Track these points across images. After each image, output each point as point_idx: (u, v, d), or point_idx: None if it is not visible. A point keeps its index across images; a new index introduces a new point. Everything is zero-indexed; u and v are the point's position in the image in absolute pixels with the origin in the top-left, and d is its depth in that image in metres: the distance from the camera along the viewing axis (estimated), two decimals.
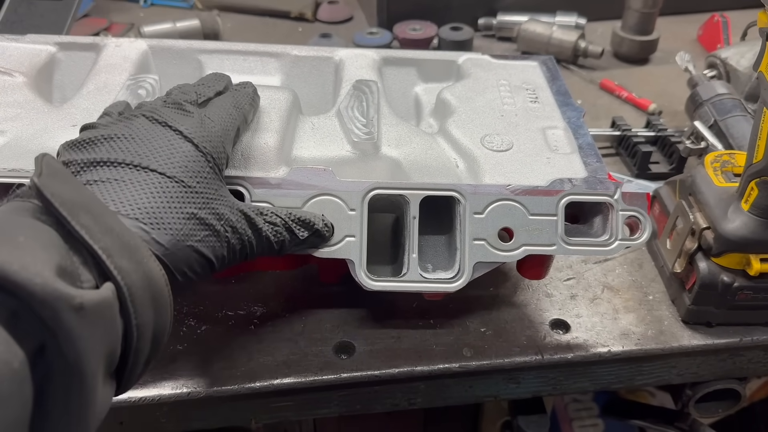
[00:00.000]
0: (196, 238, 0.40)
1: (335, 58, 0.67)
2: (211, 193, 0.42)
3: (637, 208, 0.49)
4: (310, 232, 0.47)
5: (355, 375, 0.52)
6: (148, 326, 0.35)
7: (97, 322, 0.30)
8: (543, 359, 0.54)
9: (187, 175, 0.41)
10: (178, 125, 0.43)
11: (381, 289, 0.49)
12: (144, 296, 0.34)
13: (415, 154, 0.55)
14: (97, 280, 0.33)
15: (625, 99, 0.91)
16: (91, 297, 0.30)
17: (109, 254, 0.33)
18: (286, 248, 0.47)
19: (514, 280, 0.61)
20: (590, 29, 1.05)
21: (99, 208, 0.35)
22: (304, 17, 1.14)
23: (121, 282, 0.33)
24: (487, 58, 0.69)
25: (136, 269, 0.34)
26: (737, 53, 0.84)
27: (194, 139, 0.43)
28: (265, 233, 0.45)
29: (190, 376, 0.51)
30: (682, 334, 0.56)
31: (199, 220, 0.41)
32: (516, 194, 0.49)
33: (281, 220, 0.46)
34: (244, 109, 0.49)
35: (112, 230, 0.34)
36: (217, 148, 0.44)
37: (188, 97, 0.47)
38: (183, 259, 0.40)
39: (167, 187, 0.40)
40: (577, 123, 0.58)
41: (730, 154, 0.59)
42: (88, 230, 0.32)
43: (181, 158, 0.42)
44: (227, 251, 0.43)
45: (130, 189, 0.39)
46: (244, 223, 0.44)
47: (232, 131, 0.47)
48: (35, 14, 0.96)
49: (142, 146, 0.41)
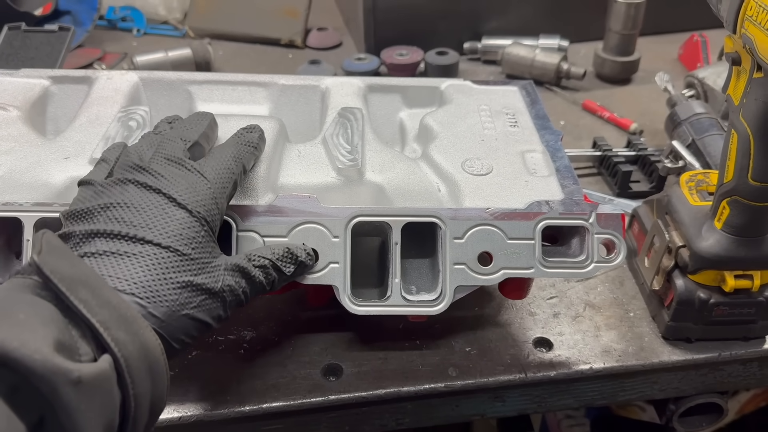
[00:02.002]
0: (191, 306, 0.42)
1: (321, 86, 0.69)
2: (206, 257, 0.43)
3: (612, 230, 0.51)
4: (296, 266, 0.48)
5: (343, 397, 0.53)
6: (146, 395, 0.36)
7: (95, 395, 0.32)
8: (527, 377, 0.55)
9: (182, 243, 0.42)
10: (171, 191, 0.43)
11: (365, 313, 0.50)
12: (141, 367, 0.35)
13: (398, 180, 0.56)
14: (95, 353, 0.34)
15: (607, 119, 0.93)
16: (89, 370, 0.31)
17: (106, 327, 0.34)
18: (276, 285, 0.48)
19: (498, 299, 0.62)
20: (573, 51, 1.08)
21: (96, 281, 0.36)
22: (294, 44, 1.16)
23: (118, 354, 0.34)
24: (468, 84, 0.71)
25: (132, 341, 0.35)
26: (714, 73, 0.86)
27: (188, 205, 0.43)
28: (258, 279, 0.46)
29: (181, 401, 0.52)
30: (663, 350, 0.57)
31: (195, 287, 0.42)
32: (495, 218, 0.51)
33: (268, 261, 0.47)
34: (244, 160, 0.50)
35: (109, 303, 0.35)
36: (211, 211, 0.45)
37: (176, 150, 0.47)
38: (180, 328, 0.41)
39: (162, 259, 0.41)
40: (554, 146, 0.60)
41: (704, 174, 0.61)
42: (86, 304, 0.34)
43: (176, 226, 0.42)
44: (224, 309, 0.44)
45: (126, 263, 0.40)
46: (238, 277, 0.45)
47: (229, 186, 0.47)
48: (30, 47, 0.99)
49: (137, 216, 0.42)
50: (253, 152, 0.51)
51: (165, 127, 0.51)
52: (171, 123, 0.52)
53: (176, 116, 0.53)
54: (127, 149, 0.48)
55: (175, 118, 0.53)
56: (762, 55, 0.44)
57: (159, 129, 0.51)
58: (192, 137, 0.49)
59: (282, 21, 1.16)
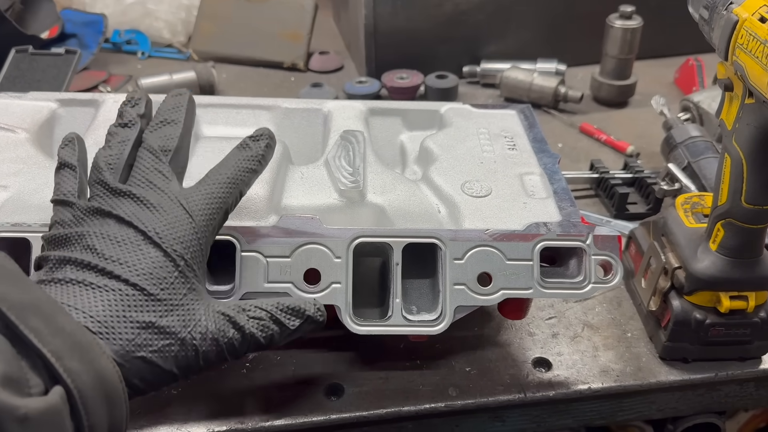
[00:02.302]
0: (150, 349, 0.39)
1: (324, 109, 0.71)
2: (177, 299, 0.41)
3: (609, 251, 0.52)
4: (302, 320, 0.46)
5: (344, 416, 0.54)
6: (102, 425, 0.34)
7: (44, 431, 0.30)
8: (526, 397, 0.56)
9: (150, 282, 0.40)
10: (148, 227, 0.42)
11: (366, 333, 0.51)
12: (96, 396, 0.34)
13: (399, 201, 0.58)
14: (47, 383, 0.32)
15: (604, 142, 0.94)
16: (36, 406, 0.30)
17: (58, 356, 0.32)
18: (277, 341, 0.45)
19: (497, 320, 0.63)
20: (570, 75, 1.09)
21: (50, 307, 0.35)
22: (296, 67, 1.18)
23: (70, 385, 0.32)
24: (467, 107, 0.72)
25: (87, 370, 0.34)
26: (709, 97, 0.88)
27: (163, 244, 0.42)
28: (249, 330, 0.43)
29: (185, 420, 0.53)
30: (660, 370, 0.58)
31: (157, 329, 0.40)
32: (494, 239, 0.52)
33: (267, 313, 0.44)
34: (242, 184, 0.47)
35: (62, 331, 0.34)
36: (190, 248, 0.43)
37: (159, 169, 0.45)
38: (134, 371, 0.39)
39: (126, 295, 0.40)
40: (552, 169, 0.61)
41: (699, 196, 0.62)
42: (36, 333, 0.32)
43: (147, 264, 0.41)
44: (195, 359, 0.41)
45: (89, 295, 0.39)
46: (223, 324, 0.43)
47: (218, 217, 0.45)
48: (37, 69, 1.00)
49: (111, 248, 0.41)
50: (256, 169, 0.48)
51: (136, 121, 0.47)
52: (143, 116, 0.48)
53: (146, 98, 0.49)
54: (98, 160, 0.46)
55: (145, 105, 0.49)
56: (753, 81, 0.45)
57: (126, 120, 0.48)
58: (173, 144, 0.47)
59: (285, 45, 1.18)
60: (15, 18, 1.08)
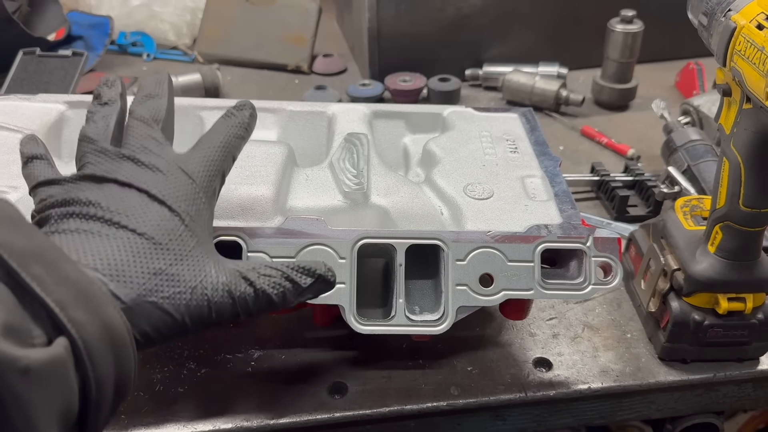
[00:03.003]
0: (161, 294, 0.38)
1: (328, 112, 0.72)
2: (186, 251, 0.41)
3: (609, 253, 0.53)
4: (314, 279, 0.45)
5: (347, 414, 0.55)
6: (108, 378, 0.33)
7: (47, 383, 0.29)
8: (527, 396, 0.57)
9: (159, 232, 0.40)
10: (149, 187, 0.41)
11: (370, 332, 0.52)
12: (102, 348, 0.32)
13: (402, 203, 0.58)
14: (51, 335, 0.31)
15: (605, 145, 0.95)
16: (38, 357, 0.28)
17: (62, 306, 0.31)
18: (289, 299, 0.44)
19: (499, 320, 0.64)
20: (571, 78, 1.10)
21: (54, 255, 0.33)
22: (300, 70, 1.19)
23: (75, 335, 0.31)
24: (470, 110, 0.73)
25: (92, 320, 0.32)
26: (709, 101, 0.89)
27: (167, 201, 0.41)
28: (260, 287, 0.43)
29: (191, 418, 0.54)
30: (659, 371, 0.59)
31: (168, 276, 0.39)
32: (496, 241, 0.52)
33: (278, 271, 0.44)
34: (233, 150, 0.47)
35: (67, 279, 0.32)
36: (195, 208, 0.43)
37: (154, 136, 0.45)
38: (145, 317, 0.37)
39: (136, 244, 0.39)
40: (553, 171, 0.62)
41: (698, 199, 0.63)
42: (39, 281, 0.31)
43: (153, 218, 0.40)
44: (207, 310, 0.40)
45: (96, 241, 0.38)
46: (235, 278, 0.42)
47: (216, 181, 0.46)
48: (44, 71, 1.02)
49: (115, 203, 0.40)
50: (243, 135, 0.49)
51: (116, 99, 0.47)
52: (121, 96, 0.48)
53: (120, 80, 0.50)
54: (86, 133, 0.45)
55: (121, 86, 0.49)
56: (750, 87, 0.46)
57: (106, 99, 0.47)
58: (161, 115, 0.47)
59: (289, 47, 1.19)
60: (22, 20, 1.09)
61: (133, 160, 0.43)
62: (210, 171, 0.45)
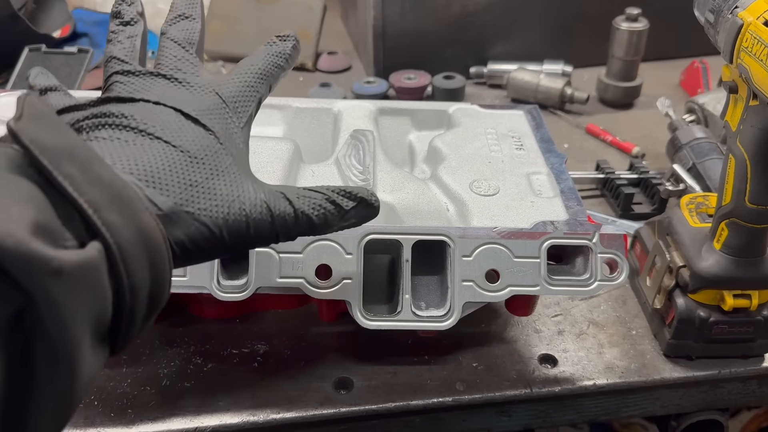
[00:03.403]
0: (199, 206, 0.36)
1: (334, 109, 0.72)
2: (223, 167, 0.39)
3: (614, 250, 0.53)
4: (356, 202, 0.43)
5: (353, 410, 0.55)
6: (143, 285, 0.31)
7: (80, 286, 0.27)
8: (532, 392, 0.57)
9: (195, 147, 0.38)
10: (183, 106, 0.39)
11: (377, 328, 0.52)
12: (137, 253, 0.31)
13: (408, 199, 0.59)
14: (84, 238, 0.29)
15: (609, 142, 0.95)
16: (71, 259, 0.26)
17: (96, 208, 0.29)
18: (331, 222, 0.42)
19: (504, 316, 0.64)
20: (576, 76, 1.10)
21: (88, 155, 0.31)
22: (304, 67, 1.19)
23: (109, 239, 0.29)
24: (475, 107, 0.73)
25: (127, 224, 0.30)
26: (714, 99, 0.89)
27: (201, 119, 0.40)
28: (300, 207, 0.40)
29: (197, 412, 0.54)
30: (664, 367, 0.59)
31: (206, 188, 0.37)
32: (502, 237, 0.53)
33: (320, 194, 0.42)
34: (271, 78, 0.46)
35: (101, 180, 0.30)
36: (229, 131, 0.41)
37: (189, 59, 0.43)
38: (181, 226, 0.35)
39: (171, 154, 0.37)
40: (559, 168, 0.63)
41: (704, 196, 0.63)
42: (72, 181, 0.29)
43: (189, 133, 0.38)
44: (246, 227, 0.38)
45: (131, 148, 0.36)
46: (274, 196, 0.40)
47: (252, 104, 0.44)
48: (49, 68, 1.02)
49: (151, 118, 0.38)
50: (284, 66, 0.47)
51: (138, 19, 0.45)
52: (141, 15, 0.46)
53: None
54: (113, 53, 0.42)
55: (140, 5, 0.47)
56: (757, 84, 0.46)
57: (128, 18, 0.45)
58: (195, 38, 0.45)
59: None
60: (28, 17, 1.09)
61: (166, 77, 0.41)
62: (246, 97, 0.43)
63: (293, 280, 0.51)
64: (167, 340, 0.60)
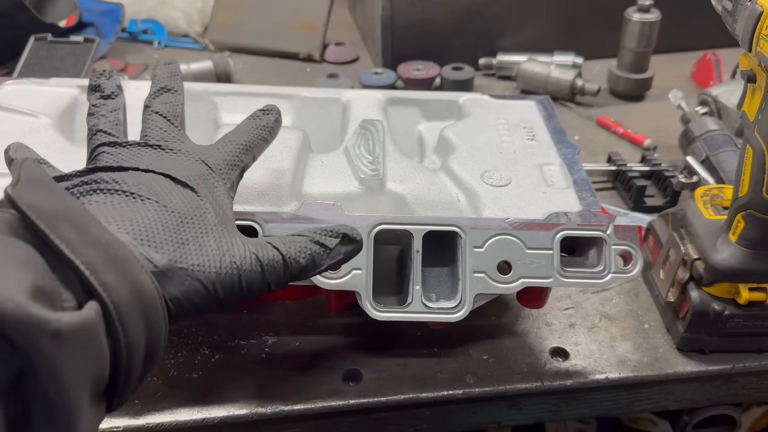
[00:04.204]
0: (191, 262, 0.37)
1: (343, 99, 0.71)
2: (211, 225, 0.40)
3: (629, 241, 0.52)
4: (339, 238, 0.44)
5: (362, 401, 0.54)
6: (140, 343, 0.32)
7: (79, 347, 0.28)
8: (543, 386, 0.56)
9: (185, 208, 0.40)
10: (172, 172, 0.41)
11: (386, 319, 0.51)
12: (133, 312, 0.32)
13: (418, 190, 0.58)
14: (81, 298, 0.30)
15: (621, 135, 0.94)
16: (69, 320, 0.27)
17: (93, 269, 0.30)
18: (319, 263, 0.43)
19: (515, 309, 0.63)
20: (587, 68, 1.09)
21: (84, 217, 0.32)
22: (312, 58, 1.18)
23: (106, 299, 0.30)
24: (486, 98, 0.72)
25: (123, 283, 0.31)
26: (727, 91, 0.87)
27: (189, 183, 0.42)
28: (286, 252, 0.42)
29: (205, 403, 0.53)
30: (677, 361, 0.58)
31: (197, 245, 0.38)
32: (514, 228, 0.52)
33: (303, 237, 0.43)
34: (255, 150, 0.48)
35: (97, 241, 0.31)
36: (216, 197, 0.43)
37: (173, 132, 0.45)
38: (176, 283, 0.36)
39: (163, 214, 0.38)
40: (572, 159, 0.62)
41: (719, 188, 0.62)
42: (69, 243, 0.30)
43: (178, 196, 0.40)
44: (238, 280, 0.40)
45: (125, 209, 0.37)
46: (262, 247, 0.41)
47: (235, 173, 0.46)
48: (56, 57, 1.01)
49: (138, 184, 0.40)
50: (266, 137, 0.49)
51: (118, 92, 0.47)
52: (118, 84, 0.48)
53: (116, 71, 0.50)
54: (98, 126, 0.44)
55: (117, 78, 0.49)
56: None
57: (109, 92, 0.47)
58: (179, 110, 0.47)
59: (300, 36, 1.18)
60: (34, 6, 1.08)
61: (153, 147, 0.43)
62: (230, 166, 0.45)
63: None
64: (175, 331, 0.60)
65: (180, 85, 0.49)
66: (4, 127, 0.63)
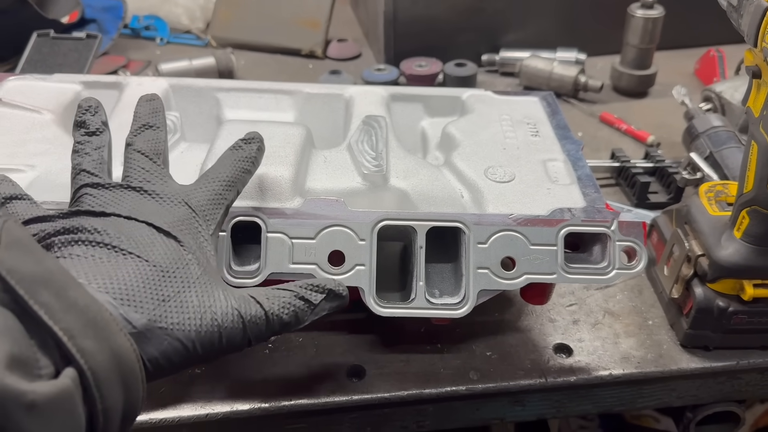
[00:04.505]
0: (171, 320, 0.37)
1: (346, 94, 0.71)
2: (193, 278, 0.40)
3: (633, 238, 0.52)
4: (324, 294, 0.45)
5: (365, 397, 0.54)
6: (116, 408, 0.32)
7: (54, 417, 0.28)
8: (547, 382, 0.56)
9: (166, 261, 0.39)
10: (153, 220, 0.41)
11: (390, 315, 0.51)
12: (111, 378, 0.32)
13: (422, 186, 0.58)
14: (59, 364, 0.30)
15: (624, 131, 0.94)
16: (44, 391, 0.27)
17: (71, 335, 0.30)
18: (302, 319, 0.44)
19: (518, 305, 0.63)
20: (590, 64, 1.09)
21: (63, 280, 0.32)
22: (314, 54, 1.18)
23: (84, 366, 0.30)
24: (489, 94, 0.72)
25: (102, 349, 0.31)
26: (731, 87, 0.87)
27: (172, 231, 0.41)
28: (269, 308, 0.42)
29: (208, 399, 0.53)
30: (681, 358, 0.58)
31: (177, 302, 0.38)
32: (518, 224, 0.52)
33: (288, 292, 0.44)
34: (239, 184, 0.47)
35: (75, 306, 0.31)
36: (199, 243, 0.42)
37: (155, 171, 0.45)
38: (155, 343, 0.37)
39: (144, 270, 0.38)
40: (576, 155, 0.61)
41: (723, 184, 0.62)
42: (47, 309, 0.30)
43: (160, 247, 0.40)
44: (218, 337, 0.40)
45: (106, 266, 0.37)
46: (245, 302, 0.41)
47: (220, 212, 0.45)
48: (58, 53, 1.01)
49: (119, 233, 0.39)
50: (250, 169, 0.48)
51: (103, 129, 0.47)
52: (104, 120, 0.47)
53: (101, 105, 0.48)
54: (81, 166, 0.44)
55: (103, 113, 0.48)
56: None
57: (94, 128, 0.46)
58: (162, 147, 0.46)
59: (303, 32, 1.18)
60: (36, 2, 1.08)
61: (136, 189, 0.43)
62: (214, 205, 0.45)
63: (306, 266, 0.51)
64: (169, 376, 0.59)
65: (162, 121, 0.49)
66: (7, 123, 0.63)
